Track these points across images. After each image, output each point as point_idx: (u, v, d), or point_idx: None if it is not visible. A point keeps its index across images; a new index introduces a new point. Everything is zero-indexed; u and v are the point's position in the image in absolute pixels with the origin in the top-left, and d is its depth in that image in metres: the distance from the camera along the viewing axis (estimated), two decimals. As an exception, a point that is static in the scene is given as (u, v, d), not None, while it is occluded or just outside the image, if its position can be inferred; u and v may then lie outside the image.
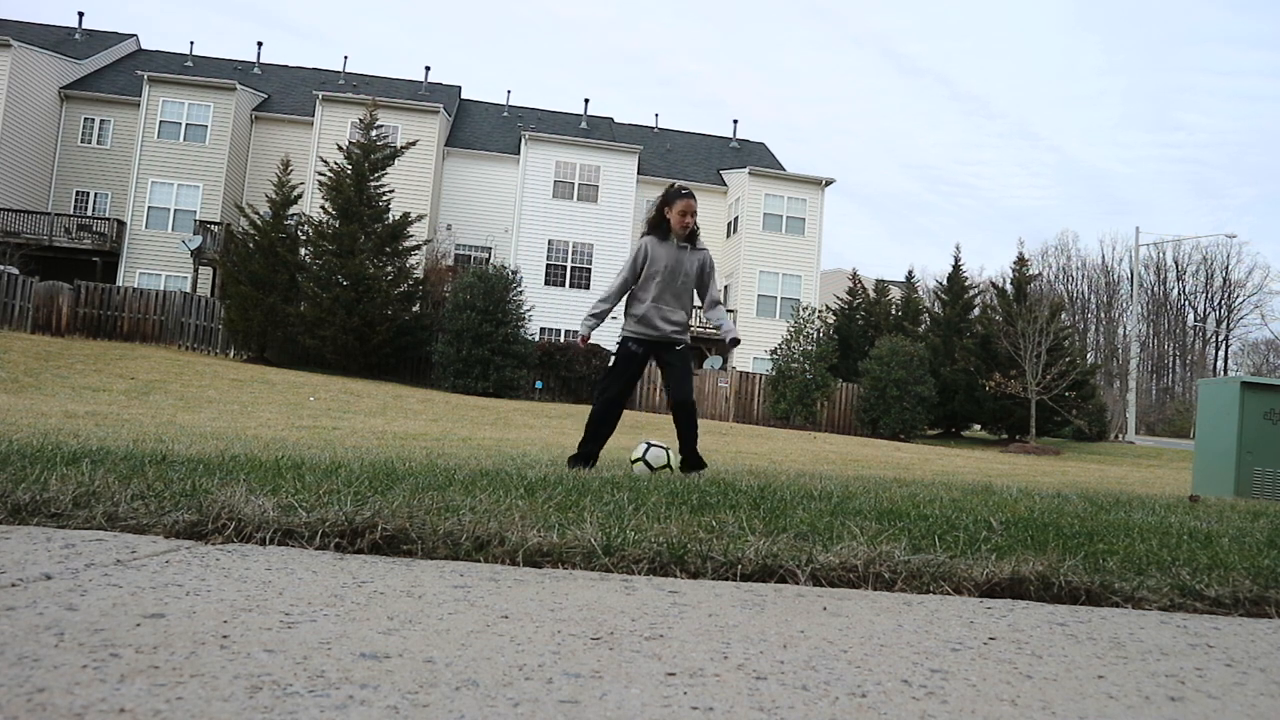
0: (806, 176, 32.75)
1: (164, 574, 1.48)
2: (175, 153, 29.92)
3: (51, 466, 2.33)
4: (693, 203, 5.17)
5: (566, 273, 31.26)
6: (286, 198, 23.56)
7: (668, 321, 5.15)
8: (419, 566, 1.70)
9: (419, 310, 25.49)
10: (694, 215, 5.19)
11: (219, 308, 23.71)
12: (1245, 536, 2.78)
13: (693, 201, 5.17)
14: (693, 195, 5.21)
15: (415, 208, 27.08)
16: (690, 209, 5.14)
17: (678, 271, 5.14)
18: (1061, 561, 1.93)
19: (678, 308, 5.19)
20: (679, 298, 5.19)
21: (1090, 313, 66.39)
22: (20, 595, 1.28)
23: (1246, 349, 62.99)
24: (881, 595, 1.73)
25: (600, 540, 1.85)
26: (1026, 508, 3.31)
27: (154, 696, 0.91)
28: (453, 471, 3.14)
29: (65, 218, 29.61)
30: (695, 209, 5.21)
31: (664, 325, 5.13)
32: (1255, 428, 7.25)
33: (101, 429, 6.18)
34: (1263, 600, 1.83)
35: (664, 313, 5.13)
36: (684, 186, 5.25)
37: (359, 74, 36.94)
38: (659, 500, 2.54)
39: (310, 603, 1.36)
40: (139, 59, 34.77)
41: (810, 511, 2.57)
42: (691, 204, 5.16)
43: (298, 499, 2.05)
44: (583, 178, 31.59)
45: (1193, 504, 4.59)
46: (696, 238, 5.30)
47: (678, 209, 5.11)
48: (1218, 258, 65.77)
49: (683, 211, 5.11)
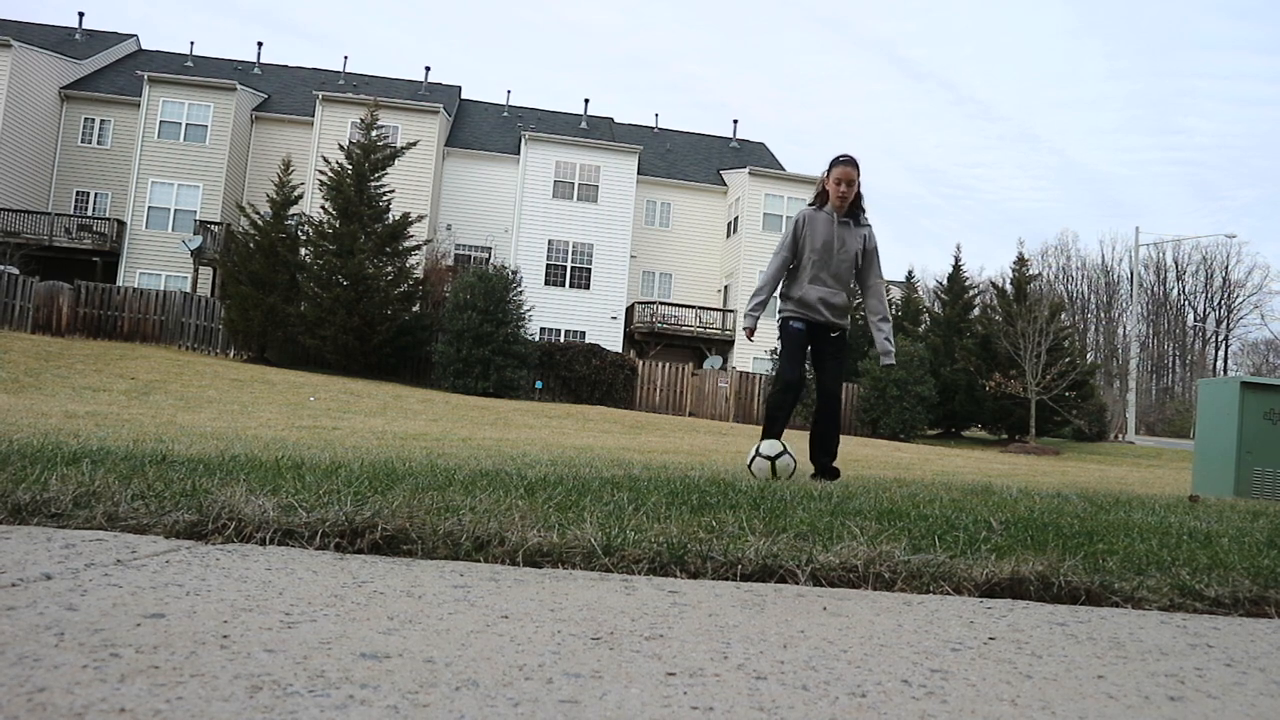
0: (807, 176, 32.74)
1: (164, 574, 1.48)
2: (175, 153, 29.92)
3: (52, 466, 2.34)
4: (851, 170, 4.54)
5: (566, 273, 31.25)
6: (287, 198, 23.57)
7: (828, 305, 4.64)
8: (419, 566, 1.70)
9: (419, 310, 25.50)
10: (853, 184, 4.56)
11: (219, 308, 23.71)
12: (1245, 536, 2.78)
13: (851, 169, 4.54)
14: (853, 162, 4.57)
15: (415, 208, 27.08)
16: (847, 176, 4.53)
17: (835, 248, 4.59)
18: (1061, 561, 1.93)
19: (839, 289, 4.66)
20: (839, 279, 4.64)
21: (1090, 313, 66.36)
22: (20, 595, 1.28)
23: (1246, 349, 63.00)
24: (881, 595, 1.73)
25: (600, 540, 1.85)
26: (1026, 508, 3.31)
27: (154, 696, 0.91)
28: (453, 471, 3.14)
29: (65, 218, 29.62)
30: (855, 177, 4.55)
31: (824, 309, 4.63)
32: (1255, 428, 7.25)
33: (102, 429, 6.18)
34: (1263, 600, 1.83)
35: (823, 295, 4.62)
36: (844, 154, 4.60)
37: (359, 74, 36.95)
38: (659, 500, 2.54)
39: (310, 603, 1.36)
40: (139, 59, 34.76)
41: (810, 511, 2.57)
42: (849, 171, 4.53)
43: (298, 499, 2.05)
44: (583, 178, 31.59)
45: (1193, 504, 4.59)
46: (860, 213, 4.69)
47: (834, 176, 4.55)
48: (1217, 258, 65.79)
49: (839, 179, 4.54)
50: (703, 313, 32.07)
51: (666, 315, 31.82)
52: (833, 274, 4.63)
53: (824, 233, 4.60)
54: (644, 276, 33.84)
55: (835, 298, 4.67)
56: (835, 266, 4.63)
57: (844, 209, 4.62)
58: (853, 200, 4.64)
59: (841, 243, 4.62)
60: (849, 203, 4.62)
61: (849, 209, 4.64)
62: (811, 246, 4.62)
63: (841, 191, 4.56)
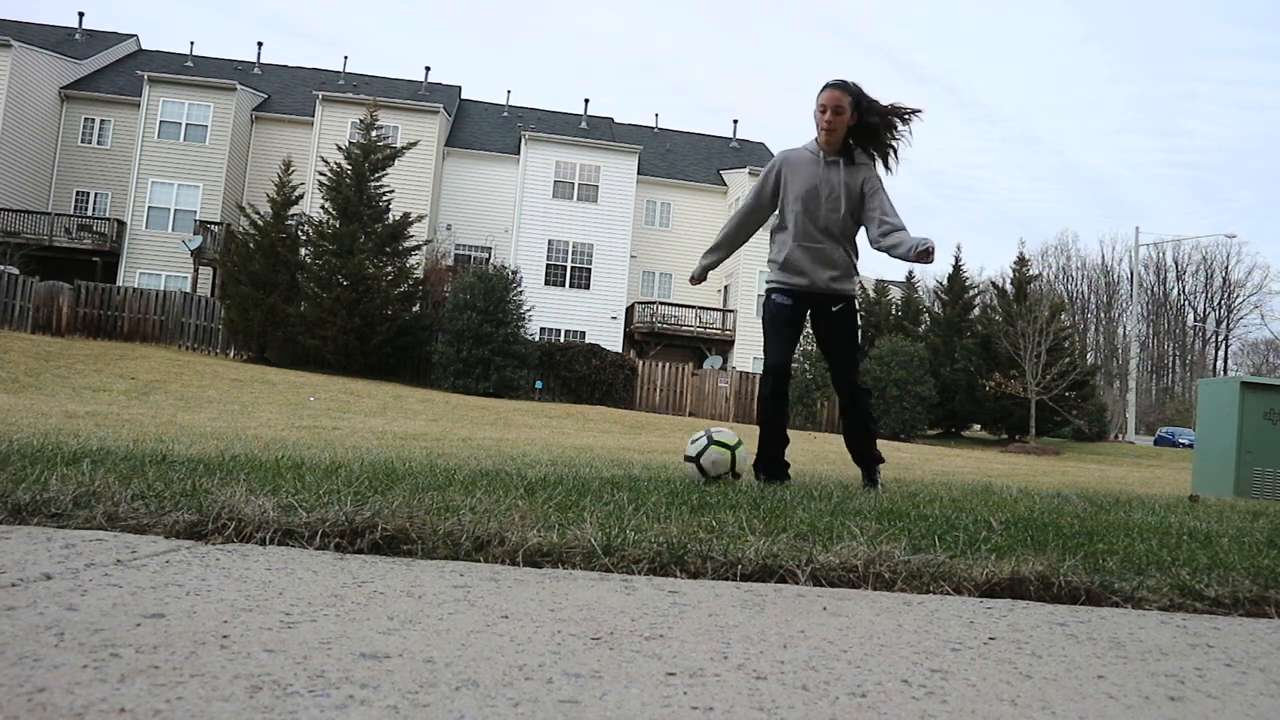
0: (806, 176, 32.69)
1: (164, 574, 1.48)
2: (175, 153, 29.92)
3: (52, 466, 2.33)
4: (839, 94, 3.60)
5: (566, 273, 31.25)
6: (287, 198, 23.58)
7: (820, 264, 3.71)
8: (419, 566, 1.70)
9: (419, 310, 25.50)
10: (841, 113, 3.60)
11: (219, 308, 23.71)
12: (1245, 536, 2.78)
13: (840, 93, 3.60)
14: (843, 85, 3.63)
15: (415, 208, 27.08)
16: (834, 102, 3.59)
17: (823, 195, 3.65)
18: (1061, 561, 1.93)
19: (833, 246, 3.71)
20: (832, 233, 3.70)
21: (1090, 313, 66.37)
22: (20, 595, 1.28)
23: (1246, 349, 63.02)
24: (881, 595, 1.73)
25: (600, 540, 1.85)
26: (1026, 508, 3.31)
27: (154, 696, 0.91)
28: (453, 471, 3.14)
29: (65, 218, 29.62)
30: (844, 104, 3.60)
31: (815, 271, 3.71)
32: (1255, 428, 7.25)
33: (102, 429, 6.18)
34: (1263, 600, 1.83)
35: (813, 253, 3.69)
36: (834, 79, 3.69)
37: (359, 74, 36.94)
38: (659, 500, 2.54)
39: (310, 603, 1.36)
40: (139, 59, 34.76)
41: (810, 511, 2.57)
42: (837, 95, 3.60)
43: (298, 499, 2.05)
44: (583, 178, 31.59)
45: (1193, 504, 4.59)
46: (853, 150, 3.70)
47: (818, 104, 3.63)
48: (1217, 258, 65.84)
49: (824, 106, 3.61)
50: (703, 313, 32.07)
51: (666, 315, 31.81)
52: (822, 228, 3.68)
53: (808, 177, 3.65)
54: (644, 276, 33.84)
55: (832, 254, 3.71)
56: (824, 218, 3.67)
57: (833, 146, 3.66)
58: (845, 134, 3.66)
59: (830, 188, 3.65)
60: (839, 136, 3.64)
61: (840, 146, 3.67)
62: (794, 195, 3.67)
63: (828, 121, 3.60)
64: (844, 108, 3.60)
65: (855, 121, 3.65)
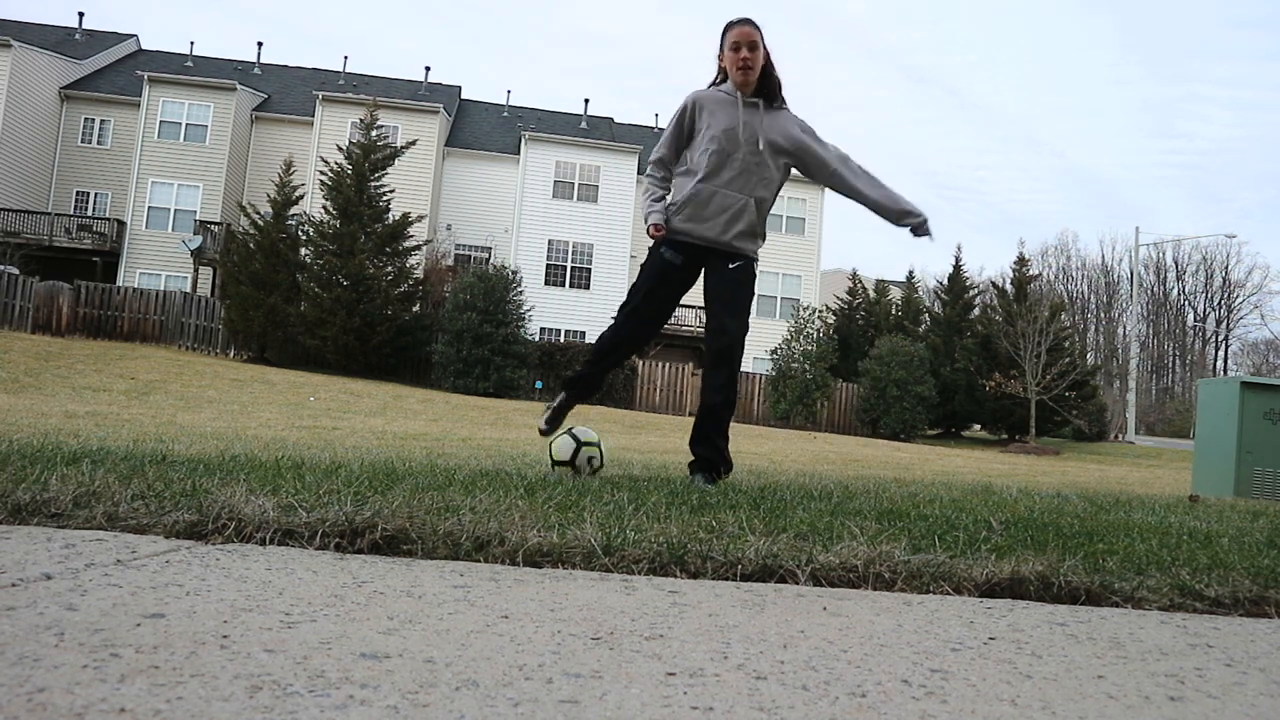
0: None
1: (164, 574, 1.48)
2: (175, 153, 29.93)
3: (52, 466, 2.33)
4: (751, 29, 3.27)
5: (566, 273, 31.26)
6: (287, 198, 23.59)
7: (725, 215, 3.30)
8: (419, 566, 1.70)
9: (419, 310, 25.52)
10: (756, 48, 3.27)
11: (219, 308, 23.72)
12: (1245, 536, 2.78)
13: (750, 28, 3.27)
14: (751, 21, 3.29)
15: (415, 208, 27.09)
16: (747, 37, 3.25)
17: (741, 138, 3.27)
18: (1061, 561, 1.93)
19: (744, 200, 3.31)
20: (748, 182, 3.31)
21: (1090, 313, 66.38)
22: (20, 595, 1.28)
23: (1246, 349, 63.04)
24: (881, 595, 1.73)
25: (600, 540, 1.85)
26: (1026, 508, 3.31)
27: (154, 696, 0.91)
28: (453, 471, 3.14)
29: (65, 218, 29.63)
30: (757, 38, 3.27)
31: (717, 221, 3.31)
32: (1255, 428, 7.25)
33: (101, 429, 6.18)
34: (1263, 600, 1.83)
35: (720, 200, 3.29)
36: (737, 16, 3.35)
37: (359, 74, 36.94)
38: (659, 500, 2.54)
39: (310, 603, 1.36)
40: (139, 59, 34.76)
41: (810, 511, 2.57)
42: (749, 30, 3.26)
43: (298, 499, 2.05)
44: (583, 178, 31.59)
45: (1193, 504, 4.59)
46: (777, 91, 3.36)
47: (729, 41, 3.28)
48: (1217, 258, 65.84)
49: (736, 42, 3.26)
50: (702, 313, 32.02)
51: (666, 315, 31.78)
52: (739, 172, 3.28)
53: (726, 117, 3.27)
54: (644, 277, 33.80)
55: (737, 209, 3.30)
56: (744, 161, 3.27)
57: (750, 85, 3.30)
58: (762, 73, 3.31)
59: (750, 131, 3.27)
60: (756, 74, 3.29)
61: (759, 86, 3.32)
62: (710, 135, 3.27)
63: (743, 59, 3.23)
64: (758, 43, 3.29)
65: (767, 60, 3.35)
